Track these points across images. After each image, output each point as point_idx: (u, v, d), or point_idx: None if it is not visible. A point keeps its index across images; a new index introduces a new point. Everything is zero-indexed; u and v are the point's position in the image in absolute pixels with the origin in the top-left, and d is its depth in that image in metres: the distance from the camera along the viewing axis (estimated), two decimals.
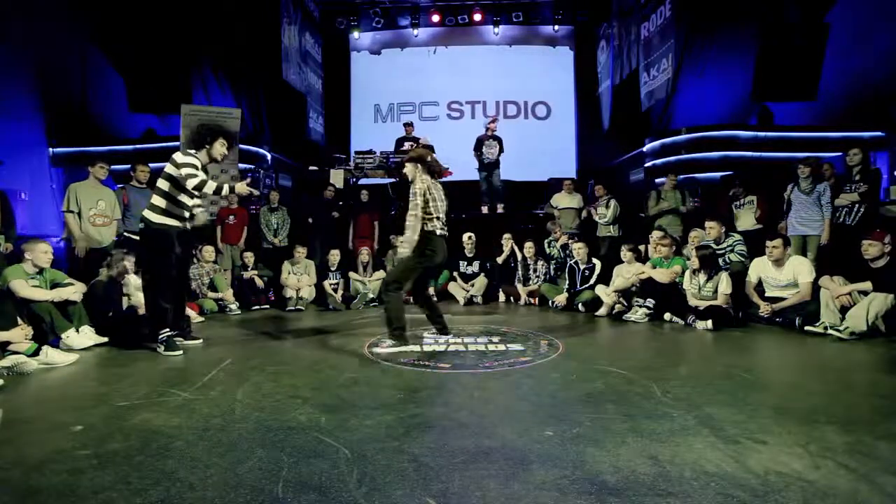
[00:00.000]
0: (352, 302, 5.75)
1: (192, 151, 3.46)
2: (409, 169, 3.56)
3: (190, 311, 4.64)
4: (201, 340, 3.73)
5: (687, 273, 4.60)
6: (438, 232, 3.48)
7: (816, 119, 8.27)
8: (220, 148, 3.50)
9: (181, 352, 3.36)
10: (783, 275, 4.24)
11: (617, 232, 6.67)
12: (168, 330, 3.38)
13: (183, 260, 3.61)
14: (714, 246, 4.78)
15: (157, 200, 3.39)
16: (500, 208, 8.16)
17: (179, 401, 2.34)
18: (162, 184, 3.41)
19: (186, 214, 3.51)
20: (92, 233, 4.63)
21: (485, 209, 8.17)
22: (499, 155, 8.04)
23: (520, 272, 6.14)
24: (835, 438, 1.82)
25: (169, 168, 3.39)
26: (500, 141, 8.06)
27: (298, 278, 5.84)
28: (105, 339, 3.67)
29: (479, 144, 8.08)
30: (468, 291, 6.05)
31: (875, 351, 3.30)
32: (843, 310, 3.73)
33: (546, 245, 6.37)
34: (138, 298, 4.21)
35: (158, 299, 3.39)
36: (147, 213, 3.39)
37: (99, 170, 4.72)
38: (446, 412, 2.16)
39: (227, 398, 2.37)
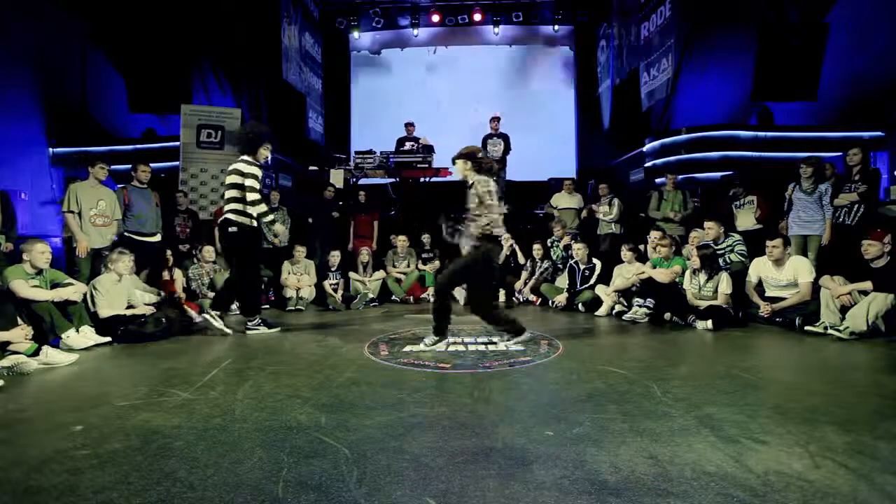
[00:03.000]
0: (352, 302, 5.75)
1: (249, 159, 3.95)
2: (459, 166, 3.34)
3: (190, 311, 4.65)
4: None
5: (687, 273, 4.61)
6: (496, 233, 3.31)
7: (816, 119, 8.27)
8: (263, 152, 3.99)
9: (279, 327, 4.22)
10: (783, 275, 4.24)
11: (619, 230, 6.66)
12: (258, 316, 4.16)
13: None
14: (714, 246, 4.78)
15: (239, 206, 3.90)
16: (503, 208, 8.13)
17: (179, 401, 2.34)
18: (235, 192, 3.92)
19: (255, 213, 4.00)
20: (92, 233, 4.63)
21: None
22: (505, 153, 7.96)
23: (528, 268, 6.12)
24: (835, 438, 1.82)
25: (235, 177, 3.92)
26: (505, 139, 7.99)
27: (298, 278, 5.84)
28: (106, 339, 3.67)
29: (483, 143, 8.05)
30: None
31: (875, 351, 3.30)
32: (844, 309, 3.73)
33: (548, 245, 6.36)
34: (137, 298, 4.22)
35: (257, 291, 4.28)
36: (237, 218, 3.90)
37: (98, 170, 4.71)
38: (446, 412, 2.16)
39: (227, 398, 2.37)
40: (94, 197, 4.67)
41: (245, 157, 3.95)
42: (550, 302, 5.54)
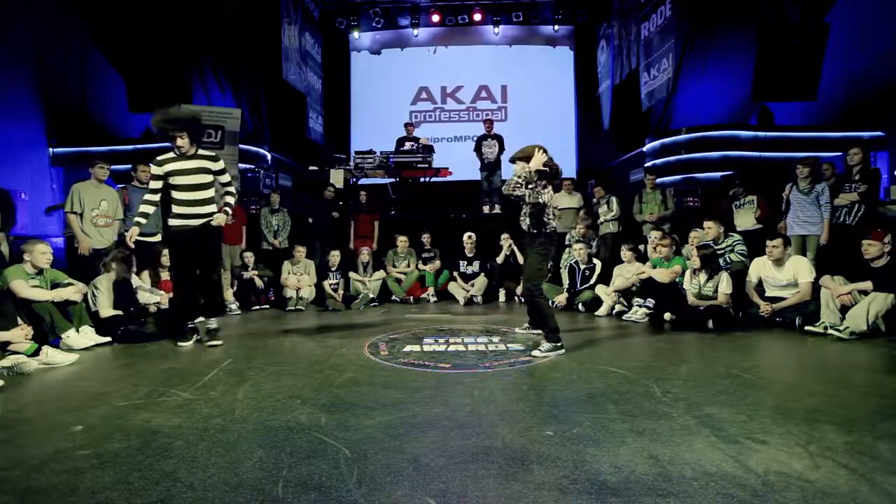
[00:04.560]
0: (352, 302, 5.75)
1: (164, 155, 3.61)
2: (519, 168, 3.41)
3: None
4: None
5: (687, 273, 4.60)
6: (556, 230, 3.48)
7: (816, 119, 8.28)
8: (175, 141, 3.51)
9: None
10: (783, 275, 4.24)
11: (617, 228, 6.66)
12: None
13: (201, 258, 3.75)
14: (714, 246, 4.78)
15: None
16: (496, 208, 8.11)
17: (179, 401, 2.34)
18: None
19: (189, 211, 3.58)
20: (93, 233, 4.63)
21: (486, 209, 8.15)
22: (499, 154, 7.99)
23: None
24: (835, 438, 1.82)
25: None
26: (500, 140, 8.02)
27: (298, 278, 5.84)
28: (106, 339, 3.67)
29: (478, 144, 8.08)
30: (468, 291, 6.05)
31: (875, 351, 3.30)
32: (844, 309, 3.73)
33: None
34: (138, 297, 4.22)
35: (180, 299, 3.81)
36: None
37: (98, 170, 4.71)
38: (446, 412, 2.16)
39: (228, 398, 2.37)
40: (97, 197, 4.67)
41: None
42: (550, 302, 5.53)
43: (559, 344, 3.27)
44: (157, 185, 3.58)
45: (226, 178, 3.75)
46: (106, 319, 3.86)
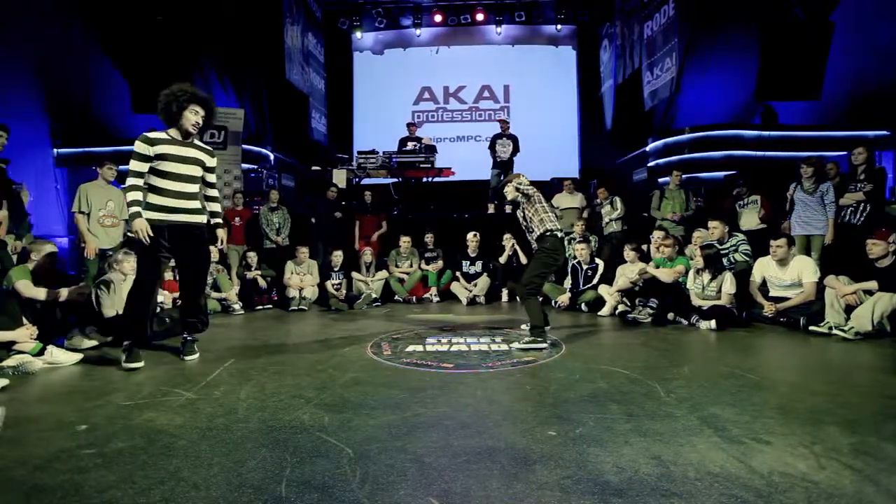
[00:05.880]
0: (355, 302, 5.75)
1: (156, 133, 3.06)
2: (510, 189, 3.90)
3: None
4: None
5: (690, 273, 4.59)
6: (559, 234, 3.72)
7: (821, 118, 8.24)
8: (191, 116, 3.03)
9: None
10: (787, 274, 4.22)
11: (620, 227, 6.64)
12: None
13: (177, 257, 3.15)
14: (718, 245, 4.76)
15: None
16: (508, 209, 8.08)
17: (183, 400, 2.34)
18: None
19: (172, 204, 3.01)
20: (100, 233, 4.66)
21: (491, 208, 8.13)
22: (513, 154, 7.98)
23: None
24: (839, 439, 1.81)
25: None
26: (514, 140, 8.02)
27: (301, 278, 5.85)
28: (109, 339, 3.68)
29: (493, 143, 8.10)
30: (471, 291, 6.05)
31: (880, 351, 3.28)
32: (849, 309, 3.71)
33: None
34: None
35: (130, 311, 3.07)
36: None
37: (107, 171, 4.74)
38: (449, 412, 2.16)
39: (231, 398, 2.37)
40: (103, 197, 4.69)
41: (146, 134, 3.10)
42: (553, 302, 5.54)
43: (540, 339, 3.39)
44: (145, 167, 2.92)
45: (212, 177, 3.24)
46: (110, 319, 3.86)
